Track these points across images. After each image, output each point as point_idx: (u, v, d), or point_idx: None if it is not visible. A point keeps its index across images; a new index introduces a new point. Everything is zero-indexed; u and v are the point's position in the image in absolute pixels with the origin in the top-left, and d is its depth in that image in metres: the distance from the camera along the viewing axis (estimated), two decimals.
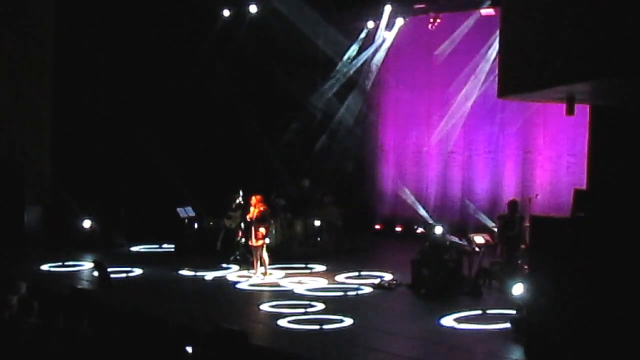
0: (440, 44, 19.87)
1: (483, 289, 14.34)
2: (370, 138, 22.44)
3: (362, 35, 21.33)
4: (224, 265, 16.86)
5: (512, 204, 15.12)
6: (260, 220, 15.67)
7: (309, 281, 15.53)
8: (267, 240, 15.96)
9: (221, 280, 15.79)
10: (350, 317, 12.37)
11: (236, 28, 21.51)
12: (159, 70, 20.46)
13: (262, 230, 15.66)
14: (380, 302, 13.97)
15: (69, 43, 20.16)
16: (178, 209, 18.71)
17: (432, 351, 11.44)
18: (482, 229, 16.04)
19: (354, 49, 21.43)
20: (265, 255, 15.82)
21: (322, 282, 15.47)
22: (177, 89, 20.76)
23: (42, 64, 20.07)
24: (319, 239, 18.99)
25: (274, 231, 17.73)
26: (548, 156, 18.98)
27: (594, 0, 8.46)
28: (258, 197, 15.86)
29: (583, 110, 12.24)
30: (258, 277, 15.71)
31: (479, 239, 15.17)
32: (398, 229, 21.59)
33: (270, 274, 15.91)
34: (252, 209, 15.80)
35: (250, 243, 15.92)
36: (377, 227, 22.00)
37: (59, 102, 20.24)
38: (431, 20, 19.78)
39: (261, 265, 15.89)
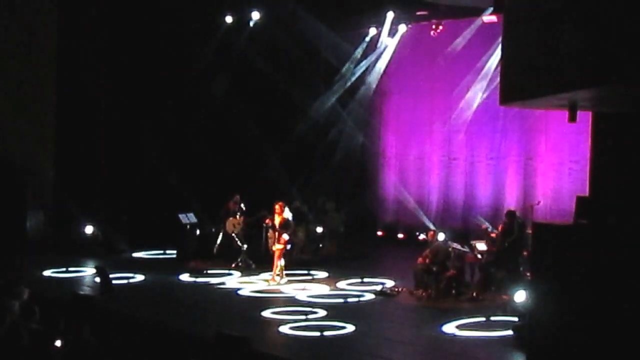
0: (442, 50, 19.88)
1: (485, 296, 14.34)
2: (372, 144, 22.44)
3: (365, 42, 21.36)
4: (209, 271, 16.83)
5: (510, 214, 15.28)
6: (284, 226, 15.87)
7: (311, 287, 15.53)
8: (288, 247, 16.12)
9: (223, 286, 15.77)
10: (352, 324, 12.36)
11: (238, 35, 21.54)
12: (162, 76, 20.48)
13: (285, 236, 15.80)
14: (382, 309, 13.97)
15: (71, 49, 20.19)
16: (180, 215, 18.72)
17: (434, 358, 11.43)
18: (484, 235, 16.01)
19: (356, 56, 21.45)
20: (282, 261, 15.88)
21: (324, 289, 15.47)
22: (180, 95, 20.78)
23: (46, 69, 20.09)
24: (320, 245, 18.99)
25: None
26: (550, 163, 18.97)
27: (597, 8, 8.46)
28: (281, 204, 16.11)
29: (585, 118, 12.24)
30: (274, 282, 15.81)
31: (481, 246, 15.18)
32: (400, 235, 21.57)
33: (276, 281, 15.91)
34: (276, 215, 16.01)
35: (272, 248, 16.05)
36: (379, 233, 21.98)
37: (62, 107, 20.26)
38: (433, 27, 19.82)
39: (273, 269, 15.96)
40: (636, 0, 8.11)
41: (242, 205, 17.92)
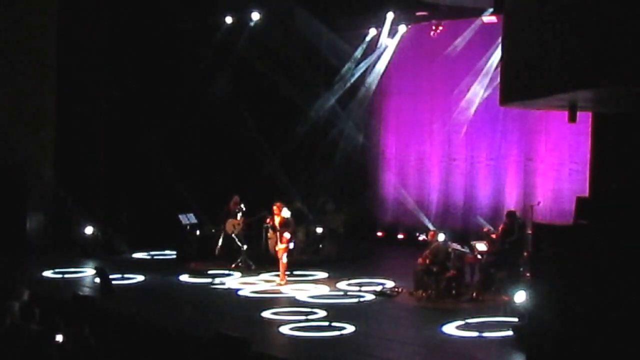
0: (442, 51, 19.86)
1: (485, 296, 14.33)
2: (372, 145, 22.42)
3: (365, 42, 21.36)
4: (209, 271, 16.82)
5: (510, 215, 15.30)
6: (285, 225, 15.96)
7: (310, 288, 15.53)
8: (291, 245, 16.17)
9: (223, 287, 15.77)
10: (352, 325, 12.36)
11: (238, 35, 21.53)
12: (161, 77, 20.48)
13: (286, 235, 15.85)
14: (382, 309, 13.96)
15: (71, 51, 20.19)
16: (180, 216, 18.73)
17: (434, 359, 11.42)
18: (484, 236, 16.00)
19: (356, 56, 21.45)
20: (284, 259, 15.91)
21: (324, 289, 15.46)
22: (179, 96, 20.78)
23: (45, 71, 20.08)
24: (320, 246, 18.98)
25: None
26: (550, 164, 18.95)
27: (597, 8, 8.47)
28: (279, 204, 16.20)
29: (585, 118, 12.25)
30: (283, 281, 15.85)
31: (480, 246, 15.17)
32: (400, 236, 21.54)
33: (281, 283, 15.91)
34: (275, 216, 16.09)
35: (275, 248, 16.14)
36: (379, 234, 21.96)
37: (62, 109, 20.26)
38: (433, 27, 19.81)
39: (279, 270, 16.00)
40: (634, 1, 8.13)
41: (242, 205, 17.92)
